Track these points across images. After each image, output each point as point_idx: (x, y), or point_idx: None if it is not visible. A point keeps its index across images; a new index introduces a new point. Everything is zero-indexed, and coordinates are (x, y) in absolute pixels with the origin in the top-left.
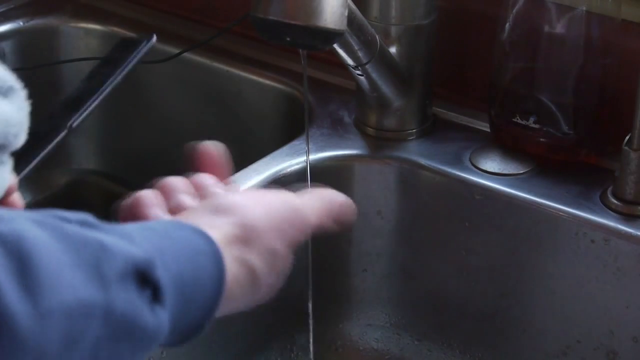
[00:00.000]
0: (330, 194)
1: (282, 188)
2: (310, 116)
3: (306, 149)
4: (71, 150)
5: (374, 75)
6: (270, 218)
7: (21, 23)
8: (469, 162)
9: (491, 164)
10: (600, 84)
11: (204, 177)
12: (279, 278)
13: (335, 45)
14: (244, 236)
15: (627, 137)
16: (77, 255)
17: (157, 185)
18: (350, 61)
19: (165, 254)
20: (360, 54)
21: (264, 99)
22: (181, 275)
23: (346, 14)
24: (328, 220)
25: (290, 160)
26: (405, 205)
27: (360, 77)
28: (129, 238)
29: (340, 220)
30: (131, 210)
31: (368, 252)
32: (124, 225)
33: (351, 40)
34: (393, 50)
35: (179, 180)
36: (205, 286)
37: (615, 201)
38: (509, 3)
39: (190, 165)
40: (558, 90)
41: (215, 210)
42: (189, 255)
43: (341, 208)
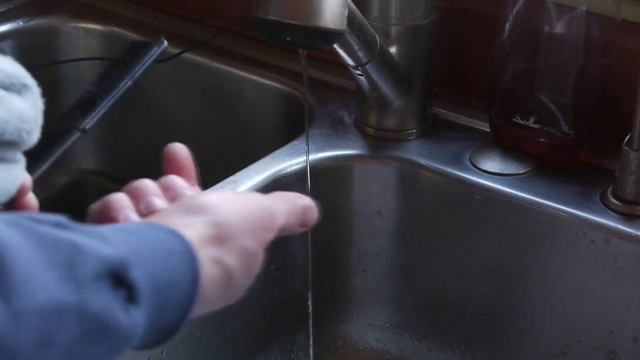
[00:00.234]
0: (294, 196)
1: (282, 188)
2: (310, 116)
3: (306, 149)
4: (71, 150)
5: (374, 75)
6: (243, 217)
7: (21, 23)
8: (469, 162)
9: (491, 164)
10: (600, 84)
11: (173, 179)
12: (251, 277)
13: (335, 45)
14: (218, 235)
15: (627, 137)
16: (51, 256)
17: (127, 189)
18: (350, 61)
19: (139, 255)
20: (360, 54)
21: (264, 99)
22: (156, 276)
23: (346, 14)
24: (294, 222)
25: (290, 160)
26: (405, 205)
27: (360, 77)
28: (102, 239)
29: (304, 223)
30: (101, 214)
31: (368, 252)
32: (98, 227)
33: (351, 40)
34: (393, 50)
35: (149, 183)
36: (180, 286)
37: (615, 201)
38: (509, 3)
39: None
40: (558, 90)
41: (188, 210)
42: (163, 255)
43: (305, 210)
